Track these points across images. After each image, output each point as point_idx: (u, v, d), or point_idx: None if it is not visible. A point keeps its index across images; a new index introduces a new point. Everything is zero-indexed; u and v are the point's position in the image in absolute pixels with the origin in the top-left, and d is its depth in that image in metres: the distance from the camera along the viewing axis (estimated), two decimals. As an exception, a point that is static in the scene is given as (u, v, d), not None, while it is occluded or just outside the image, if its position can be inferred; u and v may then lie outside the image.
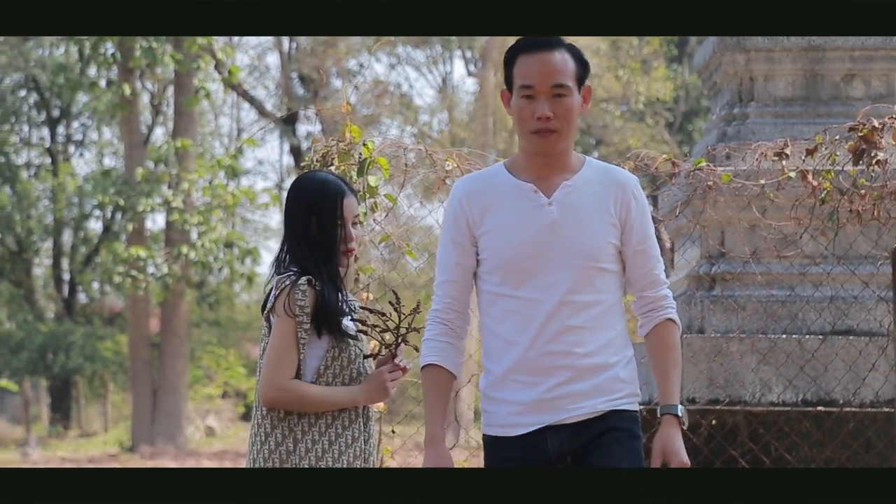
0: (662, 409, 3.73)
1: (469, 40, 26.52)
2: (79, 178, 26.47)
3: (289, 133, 28.54)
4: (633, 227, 3.74)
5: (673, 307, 3.81)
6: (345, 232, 3.96)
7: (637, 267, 3.77)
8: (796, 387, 6.24)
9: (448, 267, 3.78)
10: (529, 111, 3.68)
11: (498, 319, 3.70)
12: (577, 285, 3.67)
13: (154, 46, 19.65)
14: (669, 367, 3.76)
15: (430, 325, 3.80)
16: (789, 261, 6.46)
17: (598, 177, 3.75)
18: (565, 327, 3.66)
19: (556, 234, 3.68)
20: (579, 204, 3.71)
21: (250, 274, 21.74)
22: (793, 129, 6.84)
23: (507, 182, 3.75)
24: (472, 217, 3.74)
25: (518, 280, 3.67)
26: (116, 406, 30.25)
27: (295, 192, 4.00)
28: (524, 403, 3.67)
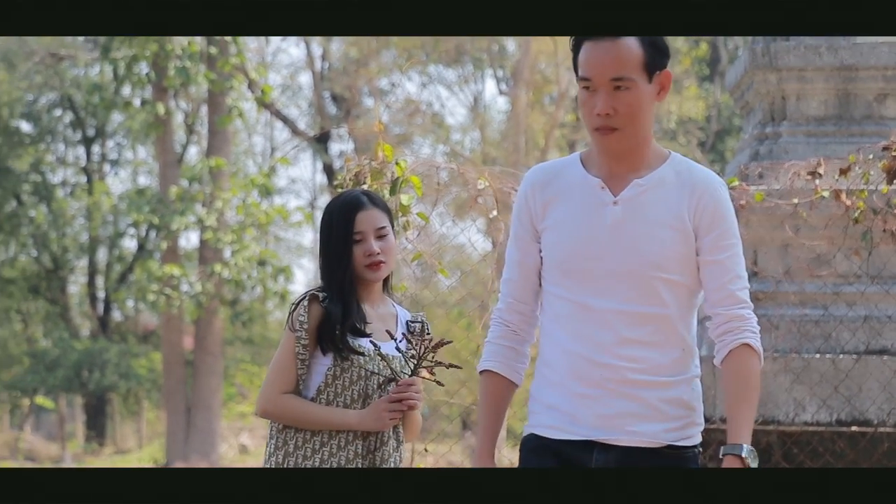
0: (726, 448, 3.31)
1: (500, 59, 26.54)
2: (113, 197, 26.62)
3: (321, 152, 28.63)
4: (709, 234, 3.35)
5: (754, 331, 3.37)
6: (364, 245, 3.91)
7: (711, 280, 3.36)
8: (830, 406, 6.22)
9: (510, 264, 3.51)
10: (589, 106, 3.34)
11: (554, 322, 3.41)
12: (636, 295, 3.32)
13: (188, 66, 19.77)
14: (742, 402, 3.32)
15: (492, 326, 3.55)
16: (823, 280, 6.45)
17: (677, 177, 3.38)
18: (620, 339, 3.32)
19: (618, 237, 3.34)
20: (648, 205, 3.35)
21: (283, 292, 21.79)
22: (826, 148, 6.83)
23: (577, 175, 3.42)
24: (535, 210, 3.44)
25: (574, 282, 3.36)
26: (151, 423, 30.36)
27: (323, 211, 4.03)
28: (577, 415, 3.35)
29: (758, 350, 3.37)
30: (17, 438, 28.25)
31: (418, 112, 26.40)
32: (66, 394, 28.04)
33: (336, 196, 4.08)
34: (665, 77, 3.36)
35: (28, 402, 28.86)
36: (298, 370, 3.88)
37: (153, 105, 20.59)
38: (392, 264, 4.01)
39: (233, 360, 29.54)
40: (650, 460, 3.31)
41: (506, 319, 3.52)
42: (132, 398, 29.82)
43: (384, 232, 3.96)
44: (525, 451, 3.46)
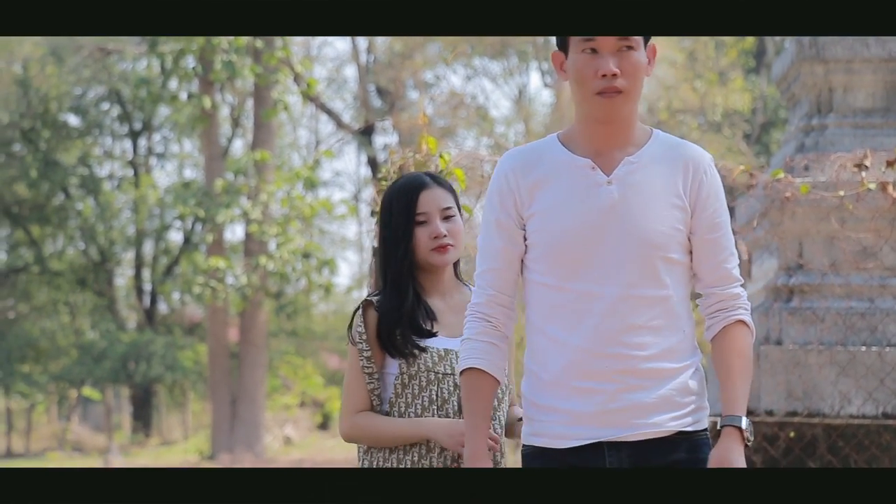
0: (724, 420, 3.20)
1: (545, 51, 26.51)
2: (160, 190, 26.80)
3: (366, 144, 28.70)
4: (704, 211, 3.22)
5: (746, 308, 3.28)
6: (430, 227, 3.63)
7: (706, 258, 3.24)
8: (876, 399, 6.19)
9: (491, 253, 3.27)
10: (592, 68, 3.16)
11: (545, 315, 3.20)
12: (639, 278, 3.16)
13: (234, 60, 19.87)
14: (735, 374, 3.21)
15: (470, 322, 3.30)
16: (868, 272, 6.42)
17: (666, 153, 3.23)
18: (626, 326, 3.15)
19: (616, 218, 3.16)
20: (643, 183, 3.19)
21: (327, 284, 21.87)
22: (872, 140, 6.79)
23: (561, 157, 3.23)
24: (519, 195, 3.22)
25: (570, 270, 3.17)
26: (196, 415, 30.56)
27: (383, 196, 3.75)
28: (579, 413, 3.17)
29: (751, 326, 3.27)
30: (64, 430, 28.53)
31: (462, 105, 26.41)
32: (112, 385, 28.27)
33: (395, 180, 3.84)
34: (652, 50, 3.25)
35: (75, 393, 29.13)
36: (368, 385, 3.60)
37: (199, 98, 20.71)
38: (460, 248, 3.71)
39: (277, 352, 29.68)
40: (663, 451, 3.18)
41: (486, 314, 3.28)
42: (178, 390, 30.03)
43: (451, 213, 3.67)
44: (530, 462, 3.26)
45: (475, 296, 3.31)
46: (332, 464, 20.52)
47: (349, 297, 32.73)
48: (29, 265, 29.15)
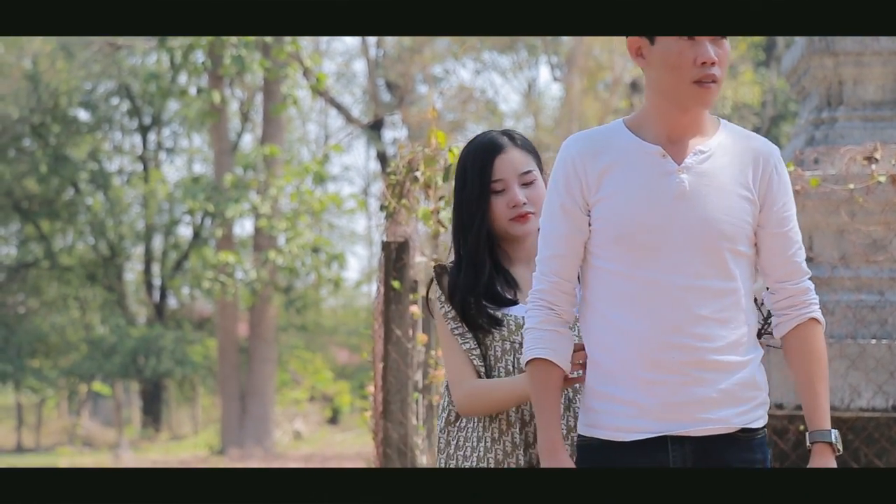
0: (813, 435, 3.15)
1: (554, 46, 26.49)
2: (169, 185, 26.86)
3: (375, 139, 28.71)
4: (774, 204, 3.17)
5: (816, 303, 3.23)
6: (507, 195, 3.40)
7: (776, 252, 3.19)
8: (886, 392, 6.17)
9: (555, 239, 3.17)
10: (691, 56, 3.08)
11: (609, 302, 3.13)
12: (707, 269, 3.10)
13: (243, 55, 19.88)
14: (817, 381, 3.18)
15: (533, 311, 3.19)
16: (879, 265, 6.40)
17: (736, 144, 3.18)
18: (693, 317, 3.09)
19: (686, 207, 3.10)
20: (713, 173, 3.13)
21: (337, 279, 21.90)
22: (882, 132, 6.77)
23: (630, 143, 3.16)
24: (586, 180, 3.14)
25: (637, 258, 3.10)
26: (206, 409, 30.62)
27: (459, 158, 3.51)
28: (643, 405, 3.10)
29: (822, 322, 3.23)
30: (74, 425, 28.59)
31: (472, 99, 26.41)
32: (122, 380, 28.34)
33: (472, 139, 3.54)
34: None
35: (85, 388, 29.20)
36: (464, 345, 3.37)
37: (209, 93, 20.73)
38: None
39: (287, 346, 29.73)
40: (726, 448, 3.13)
41: (550, 301, 3.19)
42: (187, 384, 30.09)
43: (531, 178, 3.43)
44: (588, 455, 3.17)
45: (538, 282, 3.20)
46: (341, 458, 20.53)
47: (358, 292, 32.77)
48: (39, 260, 29.21)
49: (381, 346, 5.81)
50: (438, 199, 5.72)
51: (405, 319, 5.75)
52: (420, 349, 6.04)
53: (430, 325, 6.49)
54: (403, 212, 5.81)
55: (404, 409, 5.70)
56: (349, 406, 28.63)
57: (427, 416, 6.21)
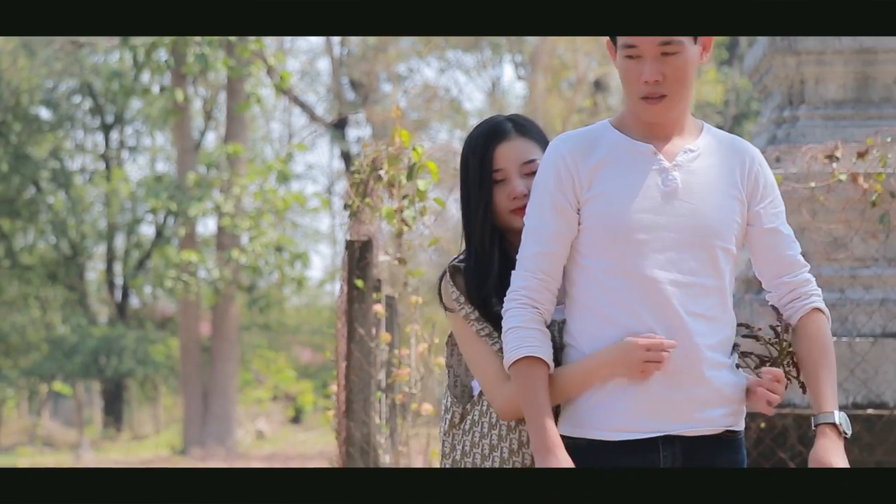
0: (818, 418, 3.14)
1: (518, 44, 26.52)
2: (132, 184, 26.70)
3: (339, 137, 28.66)
4: (763, 201, 3.20)
5: (818, 293, 3.26)
6: (508, 186, 3.27)
7: (771, 248, 3.22)
8: (846, 390, 6.21)
9: (545, 235, 3.14)
10: (636, 73, 3.12)
11: (600, 300, 3.11)
12: (699, 266, 3.11)
13: (206, 53, 19.80)
14: (822, 368, 3.18)
15: (517, 309, 3.14)
16: (839, 263, 6.44)
17: (721, 144, 3.21)
18: (686, 313, 3.09)
19: (679, 204, 3.12)
20: (704, 171, 3.16)
21: (300, 278, 21.85)
22: (843, 131, 6.82)
23: (619, 141, 3.17)
24: (578, 178, 3.13)
25: (630, 255, 3.09)
26: (168, 409, 30.48)
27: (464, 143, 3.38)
28: (635, 404, 3.09)
29: (826, 312, 3.25)
30: (35, 425, 28.39)
31: (436, 97, 26.40)
32: (83, 380, 28.16)
33: (477, 125, 3.42)
34: (708, 38, 3.20)
35: (46, 388, 29.00)
36: (494, 346, 3.22)
37: (172, 91, 20.63)
38: None
39: (249, 345, 29.63)
40: (712, 449, 3.13)
41: (535, 300, 3.14)
42: (149, 384, 29.94)
43: (533, 167, 3.28)
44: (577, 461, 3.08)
45: (522, 278, 3.14)
46: (304, 458, 20.49)
47: (322, 291, 32.69)
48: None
49: (344, 345, 5.79)
50: (402, 198, 5.72)
51: (368, 318, 5.74)
52: (383, 348, 6.03)
53: (394, 324, 6.48)
54: (367, 211, 5.80)
55: (367, 409, 5.70)
56: (312, 405, 28.57)
57: (390, 415, 6.20)
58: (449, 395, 3.34)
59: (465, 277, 3.25)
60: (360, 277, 5.69)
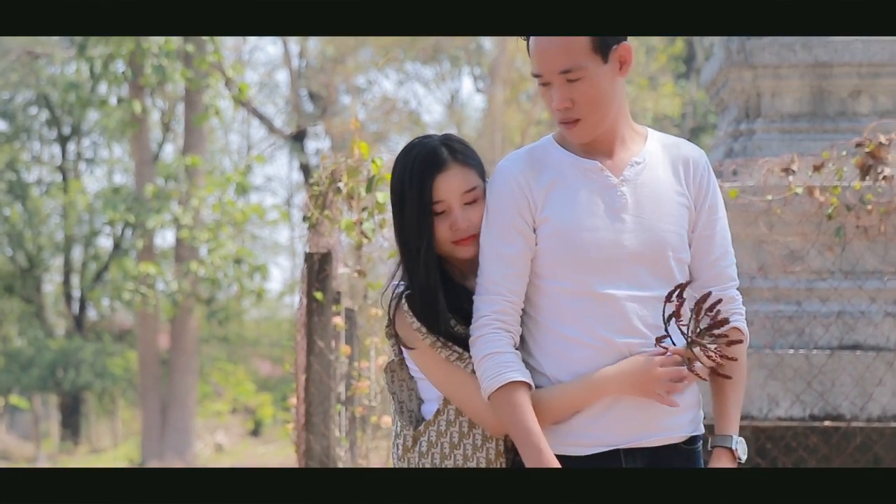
0: (715, 439, 3.17)
1: (477, 57, 26.56)
2: (89, 196, 26.55)
3: (298, 150, 28.61)
4: (705, 208, 3.18)
5: (741, 313, 3.24)
6: (449, 218, 3.18)
7: (703, 255, 3.19)
8: (804, 402, 6.25)
9: (508, 257, 3.10)
10: (548, 100, 3.14)
11: (560, 319, 3.10)
12: (656, 279, 3.11)
13: (164, 64, 19.73)
14: (731, 387, 3.19)
15: (489, 335, 3.10)
16: (796, 276, 6.48)
17: (666, 151, 3.20)
18: (647, 327, 3.10)
19: (632, 220, 3.11)
20: (651, 184, 3.15)
21: (259, 290, 21.77)
22: (800, 144, 6.87)
23: (565, 159, 3.15)
24: (533, 199, 3.12)
25: (587, 274, 3.09)
26: (126, 422, 30.28)
27: (392, 171, 3.25)
28: (599, 416, 3.10)
29: (745, 333, 3.23)
30: (-9, 438, 28.15)
31: (395, 110, 26.40)
32: (40, 393, 27.95)
33: (409, 146, 3.26)
34: (624, 50, 3.14)
35: (2, 401, 28.74)
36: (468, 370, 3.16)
37: (129, 103, 20.53)
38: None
39: (208, 358, 29.49)
40: (673, 458, 3.14)
41: (506, 322, 3.12)
42: (107, 397, 29.74)
43: (474, 195, 3.19)
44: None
45: (492, 303, 3.11)
46: (264, 470, 20.38)
47: (281, 303, 32.59)
48: (-45, 271, 28.77)
49: (303, 357, 5.78)
50: (361, 210, 5.72)
51: (328, 331, 5.73)
52: (343, 361, 6.02)
53: (353, 337, 6.47)
54: (326, 223, 5.80)
55: (327, 421, 5.69)
56: (271, 418, 28.46)
57: (350, 427, 6.19)
58: (399, 420, 3.29)
59: (418, 311, 3.17)
60: (319, 290, 5.69)
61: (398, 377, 3.30)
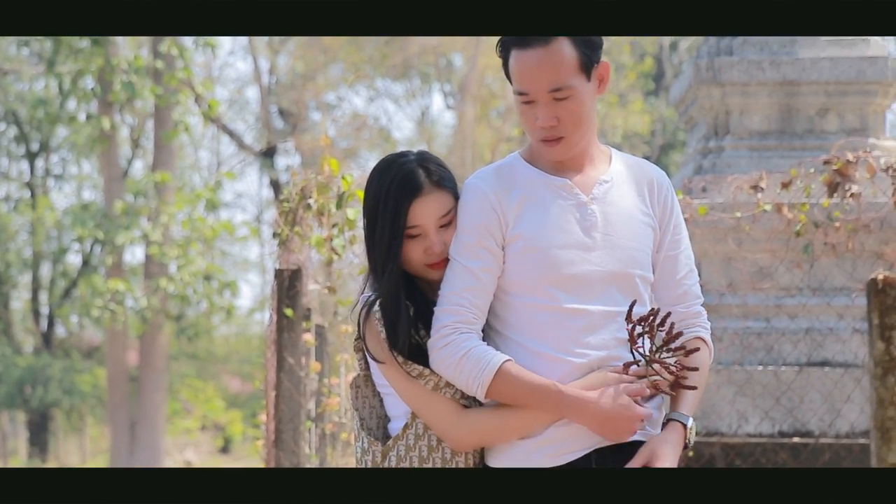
0: (672, 414, 3.19)
1: (447, 74, 26.60)
2: (58, 212, 26.41)
3: (268, 166, 28.56)
4: (670, 228, 3.25)
5: (706, 326, 3.30)
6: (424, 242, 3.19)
7: (668, 275, 3.25)
8: (773, 418, 6.27)
9: (475, 273, 3.13)
10: (531, 118, 3.14)
11: (530, 334, 3.13)
12: (624, 295, 3.15)
13: (134, 80, 19.67)
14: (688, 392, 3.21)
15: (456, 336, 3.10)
16: (765, 293, 6.51)
17: (631, 171, 3.25)
18: (616, 341, 3.13)
19: (600, 237, 3.15)
20: (619, 202, 3.19)
21: (229, 307, 21.70)
22: (768, 162, 6.91)
23: (534, 176, 3.19)
24: (504, 216, 3.15)
25: (558, 290, 3.12)
26: (94, 439, 30.10)
27: (366, 186, 3.24)
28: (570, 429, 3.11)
29: (710, 344, 3.29)
30: (-42, 455, 27.94)
31: (365, 126, 26.40)
32: (8, 410, 27.76)
33: (385, 164, 3.25)
34: (603, 69, 3.17)
35: (-30, 418, 28.55)
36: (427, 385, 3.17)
37: (98, 119, 20.46)
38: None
39: (178, 375, 29.38)
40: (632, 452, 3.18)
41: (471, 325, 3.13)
42: (75, 414, 29.57)
43: (448, 219, 3.21)
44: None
45: (454, 314, 3.12)
46: (233, 488, 20.30)
47: (251, 320, 32.50)
48: (-78, 288, 28.57)
49: (273, 374, 5.77)
50: (332, 227, 5.71)
51: (298, 348, 5.72)
52: (313, 377, 6.01)
53: (324, 353, 6.46)
54: (296, 239, 5.79)
55: (296, 438, 5.67)
56: (241, 435, 28.36)
57: (320, 444, 6.18)
58: (364, 437, 3.29)
59: (388, 324, 3.17)
60: (289, 306, 5.67)
61: (362, 393, 3.30)
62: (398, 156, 3.26)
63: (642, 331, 3.12)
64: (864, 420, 6.24)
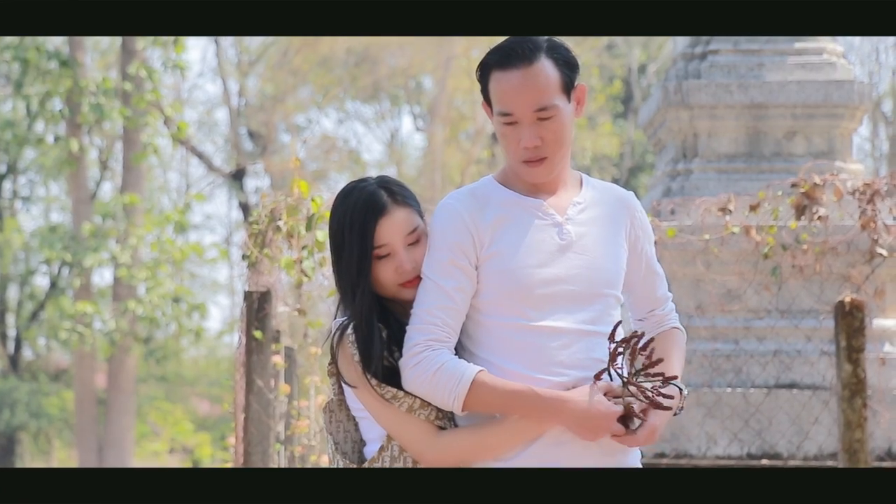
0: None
1: (417, 96, 26.64)
2: (25, 234, 26.28)
3: (237, 188, 28.50)
4: (644, 249, 3.32)
5: (677, 319, 3.45)
6: (394, 261, 3.19)
7: (649, 291, 3.36)
8: (741, 440, 6.29)
9: (447, 292, 3.14)
10: (514, 139, 3.16)
11: (503, 354, 3.14)
12: (596, 315, 3.18)
13: (102, 102, 19.62)
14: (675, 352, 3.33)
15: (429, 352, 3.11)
16: (733, 315, 6.54)
17: (602, 195, 3.30)
18: (590, 360, 3.15)
19: (574, 257, 3.18)
20: (592, 223, 3.24)
21: (198, 329, 21.62)
22: (736, 184, 6.94)
23: (509, 197, 3.22)
24: (478, 235, 3.16)
25: (532, 309, 3.14)
26: (62, 462, 29.89)
27: (330, 214, 3.25)
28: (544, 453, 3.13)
29: (683, 331, 3.43)
30: (-77, 479, 27.67)
31: (335, 148, 26.40)
32: (-26, 433, 27.54)
33: (346, 191, 3.26)
34: (581, 91, 3.22)
35: (-64, 442, 28.31)
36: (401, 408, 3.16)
37: (67, 141, 20.38)
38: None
39: (146, 397, 29.22)
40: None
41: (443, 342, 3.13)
42: (43, 437, 29.36)
43: (416, 236, 3.22)
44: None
45: (427, 332, 3.12)
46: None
47: (220, 342, 32.38)
48: None
49: (242, 396, 5.75)
50: (301, 249, 5.70)
51: (267, 370, 5.70)
52: (282, 400, 5.99)
53: (293, 376, 6.44)
54: (266, 261, 5.78)
55: (266, 461, 5.65)
56: (210, 458, 28.21)
57: (289, 466, 6.15)
58: (340, 459, 3.27)
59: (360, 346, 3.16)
60: (258, 328, 5.66)
61: (336, 417, 3.28)
62: (358, 182, 3.28)
63: (622, 351, 3.13)
64: (831, 442, 6.26)
